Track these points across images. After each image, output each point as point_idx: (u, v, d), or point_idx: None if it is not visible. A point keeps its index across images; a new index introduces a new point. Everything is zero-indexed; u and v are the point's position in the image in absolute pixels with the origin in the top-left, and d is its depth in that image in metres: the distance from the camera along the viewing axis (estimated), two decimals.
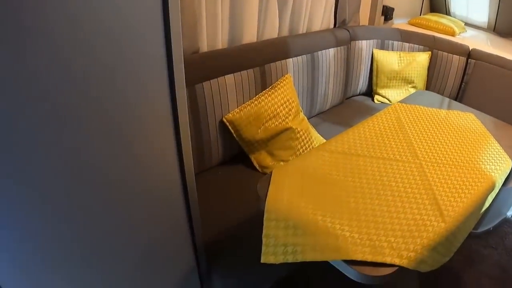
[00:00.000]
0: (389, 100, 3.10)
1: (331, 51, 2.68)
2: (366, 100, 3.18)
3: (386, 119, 1.92)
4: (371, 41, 3.08)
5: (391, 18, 3.89)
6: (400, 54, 3.08)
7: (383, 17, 3.76)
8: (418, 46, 3.21)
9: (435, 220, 1.28)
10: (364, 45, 3.02)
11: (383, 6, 3.66)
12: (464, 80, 3.12)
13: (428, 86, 3.25)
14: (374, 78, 3.13)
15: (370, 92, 3.23)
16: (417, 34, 3.32)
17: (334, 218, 1.24)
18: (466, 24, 4.80)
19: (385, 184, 1.44)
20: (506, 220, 3.10)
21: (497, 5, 4.37)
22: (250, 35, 2.26)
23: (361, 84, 3.17)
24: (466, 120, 2.08)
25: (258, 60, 2.16)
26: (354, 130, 1.80)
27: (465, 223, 1.40)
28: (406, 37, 3.25)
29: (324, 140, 2.25)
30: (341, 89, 2.92)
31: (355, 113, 2.86)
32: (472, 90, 3.03)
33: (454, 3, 4.87)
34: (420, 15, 4.74)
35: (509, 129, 2.22)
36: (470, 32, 4.49)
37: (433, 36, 3.30)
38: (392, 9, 3.83)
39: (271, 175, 1.45)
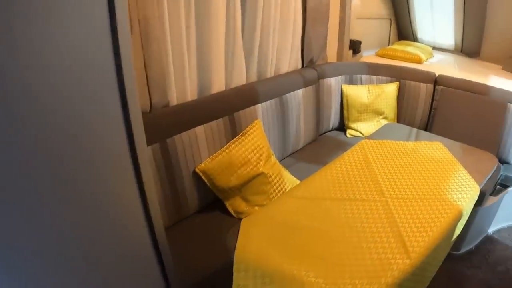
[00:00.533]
0: (361, 133, 3.21)
1: (300, 92, 2.79)
2: (339, 135, 3.30)
3: (353, 158, 2.00)
4: (340, 77, 3.22)
5: (359, 51, 4.04)
6: (368, 87, 3.21)
7: (351, 51, 3.90)
8: (386, 77, 3.36)
9: (400, 258, 1.33)
10: (333, 82, 3.15)
11: (350, 41, 3.81)
12: (433, 107, 3.26)
13: (399, 116, 3.38)
14: (345, 113, 3.25)
15: (342, 127, 3.36)
16: (384, 66, 3.48)
17: (301, 265, 1.30)
18: (434, 48, 5.00)
19: (351, 226, 1.49)
20: (488, 238, 3.18)
21: (462, 27, 4.57)
22: (218, 84, 2.36)
23: (333, 119, 3.30)
24: (434, 149, 2.17)
25: (227, 109, 2.25)
26: (321, 173, 1.87)
27: (433, 256, 1.47)
28: (373, 70, 3.40)
29: (298, 181, 2.32)
30: (313, 127, 3.03)
31: (328, 150, 2.97)
32: (441, 115, 3.17)
33: (420, 30, 5.08)
34: (389, 44, 4.92)
35: (477, 153, 2.32)
36: (438, 56, 4.68)
37: (400, 67, 3.46)
38: (359, 42, 3.99)
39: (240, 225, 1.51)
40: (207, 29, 2.20)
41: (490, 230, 3.23)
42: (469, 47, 4.98)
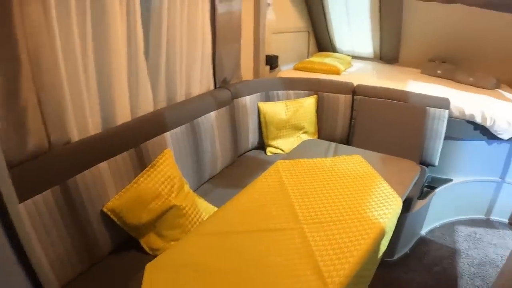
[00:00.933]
0: (282, 150, 3.24)
1: (212, 114, 2.76)
2: (259, 154, 3.31)
3: (267, 183, 1.97)
4: (255, 95, 3.23)
5: (277, 66, 4.08)
6: (286, 103, 3.23)
7: (268, 67, 3.93)
8: (303, 91, 3.42)
9: None
10: (248, 101, 3.15)
11: (267, 56, 3.83)
12: (353, 117, 3.32)
13: (320, 129, 3.45)
14: (263, 131, 3.26)
15: (262, 145, 3.36)
16: (301, 79, 3.54)
17: None
18: (354, 57, 5.16)
19: (265, 260, 1.45)
20: (421, 239, 3.32)
21: (379, 36, 4.75)
22: (123, 114, 2.25)
23: (252, 139, 3.30)
24: (353, 163, 2.19)
25: (133, 141, 2.16)
26: (232, 202, 1.83)
27: (355, 282, 1.44)
28: (290, 84, 3.45)
29: (215, 209, 2.28)
30: (230, 149, 3.01)
31: (247, 171, 2.95)
32: (362, 125, 3.28)
33: (338, 40, 5.22)
34: (308, 56, 5.02)
35: (399, 163, 2.37)
36: (357, 65, 4.82)
37: (317, 79, 3.54)
38: (276, 57, 4.03)
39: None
40: (106, 54, 2.09)
41: (423, 232, 3.38)
42: (388, 54, 5.18)
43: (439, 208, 3.49)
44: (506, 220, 3.82)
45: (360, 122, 3.27)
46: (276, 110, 3.21)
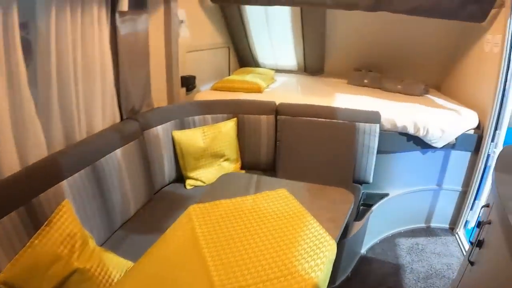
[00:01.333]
0: (202, 182, 3.05)
1: (118, 152, 2.49)
2: (178, 188, 3.08)
3: (178, 237, 1.76)
4: (169, 123, 3.03)
5: (195, 87, 3.90)
6: (203, 130, 3.07)
7: (184, 89, 3.75)
8: (222, 115, 3.28)
9: None
10: (161, 131, 2.95)
11: (182, 78, 3.66)
12: (278, 139, 3.19)
13: (243, 155, 3.32)
14: (181, 162, 3.06)
15: (182, 177, 3.14)
16: (218, 102, 3.38)
17: None
18: (278, 70, 5.10)
19: None
20: (363, 259, 3.27)
21: (303, 48, 4.73)
22: (9, 166, 1.95)
23: (168, 172, 3.07)
24: (278, 201, 2.04)
25: (22, 196, 1.87)
26: (139, 266, 1.61)
27: None
28: (206, 108, 3.29)
29: (129, 263, 2.06)
30: (144, 187, 2.76)
31: (165, 210, 2.69)
32: (288, 148, 3.16)
33: (261, 55, 5.16)
34: (229, 73, 4.91)
35: (329, 193, 2.26)
36: (281, 79, 4.76)
37: (236, 100, 3.41)
38: (193, 78, 3.87)
39: None
40: None
41: (363, 250, 3.33)
42: (313, 66, 5.18)
43: (378, 224, 3.46)
44: (446, 226, 3.92)
45: (285, 145, 3.16)
46: (193, 138, 3.02)
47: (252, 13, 4.68)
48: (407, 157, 3.57)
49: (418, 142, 3.45)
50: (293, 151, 3.12)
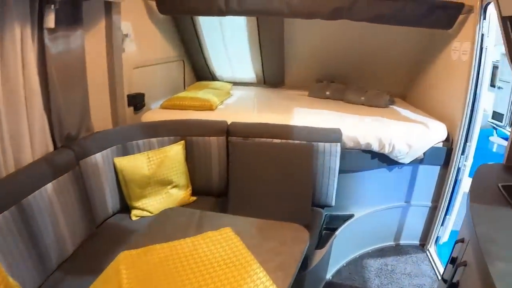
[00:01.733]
0: (149, 212, 2.85)
1: (49, 187, 2.25)
2: (123, 219, 2.84)
3: None
4: (109, 149, 2.80)
5: (144, 105, 3.73)
6: (148, 155, 2.88)
7: (132, 108, 3.56)
8: (168, 137, 3.10)
9: None
10: (100, 159, 2.72)
11: (129, 96, 3.47)
12: (230, 161, 3.02)
13: (193, 181, 3.13)
14: (124, 191, 2.85)
15: (127, 207, 2.92)
16: (164, 124, 3.19)
17: None
18: (236, 83, 4.98)
19: None
20: (328, 285, 3.17)
21: (260, 61, 4.65)
22: None
23: (112, 203, 2.84)
24: (221, 243, 1.86)
25: None
26: None
27: None
28: (152, 130, 3.09)
29: None
30: (82, 222, 2.51)
31: (108, 245, 2.43)
32: (239, 173, 2.95)
33: (217, 68, 5.05)
34: (185, 87, 4.80)
35: (280, 232, 2.11)
36: (238, 93, 4.66)
37: (184, 121, 3.23)
38: (142, 95, 3.70)
39: None
40: None
41: (328, 276, 3.21)
42: (272, 78, 5.09)
43: (344, 246, 3.35)
44: (417, 242, 3.85)
45: (237, 169, 2.94)
46: (137, 165, 2.83)
47: (206, 24, 4.55)
48: (372, 175, 3.48)
49: (384, 159, 3.35)
50: (246, 176, 2.91)
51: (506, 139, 7.55)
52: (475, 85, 3.16)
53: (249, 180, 2.89)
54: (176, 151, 2.96)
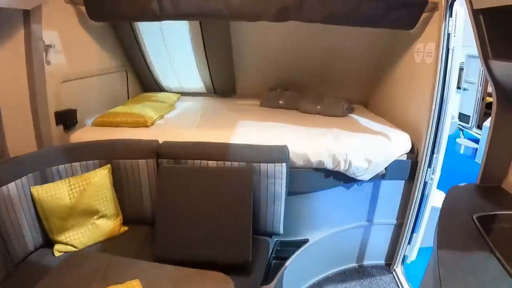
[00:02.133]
0: (74, 246, 2.59)
1: None
2: (46, 255, 2.54)
3: None
4: (26, 177, 2.50)
5: (76, 122, 3.46)
6: (70, 182, 2.60)
7: (61, 127, 3.29)
8: (93, 161, 2.81)
9: None
10: (14, 189, 2.40)
11: (56, 114, 3.20)
12: (157, 189, 2.73)
13: (123, 208, 2.88)
14: (45, 224, 2.56)
15: (50, 242, 2.64)
16: (88, 145, 2.90)
17: None
18: (185, 94, 4.91)
19: None
20: None
21: (208, 69, 4.47)
22: None
23: (32, 238, 2.53)
24: None
25: None
26: None
27: None
28: (74, 154, 2.79)
29: None
30: None
31: (26, 287, 2.21)
32: (170, 201, 2.59)
33: (163, 78, 4.87)
34: (128, 98, 4.55)
35: (193, 281, 1.89)
36: (184, 105, 4.51)
37: (110, 142, 2.95)
38: (74, 112, 3.43)
39: None
40: None
41: None
42: (222, 87, 4.89)
43: (299, 273, 3.16)
44: (382, 262, 3.68)
45: (165, 199, 2.60)
46: (57, 194, 2.54)
47: (145, 30, 4.28)
48: (328, 195, 3.25)
49: (340, 177, 3.13)
50: (176, 206, 2.57)
51: (473, 140, 7.62)
52: (442, 89, 2.96)
53: (180, 211, 2.55)
54: (101, 176, 2.70)
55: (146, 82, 5.05)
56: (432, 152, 3.12)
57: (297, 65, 4.62)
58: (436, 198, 3.26)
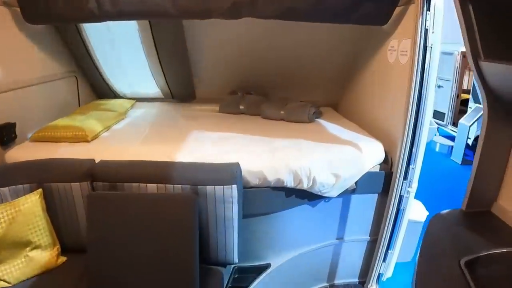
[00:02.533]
0: (7, 282, 2.36)
1: None
2: None
3: None
4: None
5: (15, 137, 3.19)
6: None
7: None
8: (23, 185, 2.54)
9: None
10: None
11: None
12: (87, 220, 2.42)
13: (60, 236, 2.61)
14: None
15: None
16: (18, 167, 2.65)
17: None
18: (141, 100, 4.70)
19: None
20: None
21: (162, 73, 4.21)
22: None
23: None
24: None
25: None
26: None
27: None
28: (2, 178, 2.54)
29: None
30: None
31: None
32: (102, 232, 2.32)
33: (115, 83, 4.63)
34: (79, 105, 4.31)
35: None
36: (138, 112, 4.32)
37: (42, 162, 2.69)
38: (12, 126, 3.16)
39: None
40: None
41: None
42: (180, 92, 4.68)
43: None
44: (356, 280, 3.49)
45: (99, 229, 2.32)
46: None
47: (92, 32, 3.98)
48: (290, 214, 3.01)
49: (304, 194, 2.89)
50: (109, 238, 2.30)
51: (448, 137, 7.56)
52: (419, 93, 2.66)
53: (114, 243, 2.29)
54: (32, 203, 2.45)
55: (99, 88, 4.76)
56: (408, 163, 2.83)
57: (259, 66, 4.38)
58: (413, 210, 3.06)
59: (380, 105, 3.43)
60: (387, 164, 3.08)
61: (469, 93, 7.56)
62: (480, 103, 7.42)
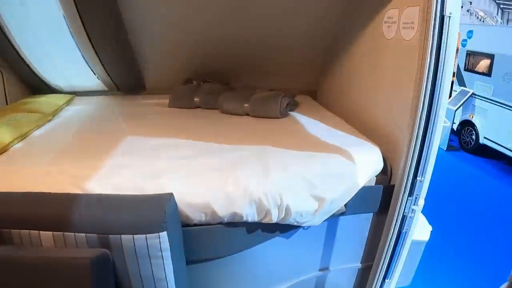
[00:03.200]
0: None
1: None
2: None
3: None
4: None
5: None
6: None
7: None
8: None
9: None
10: None
11: None
12: None
13: None
14: None
15: None
16: None
17: None
18: (81, 93, 4.13)
19: None
20: None
21: (99, 62, 3.57)
22: None
23: None
24: None
25: None
26: None
27: None
28: None
29: None
30: None
31: None
32: None
33: (47, 76, 4.06)
34: (7, 103, 3.72)
35: None
36: (73, 109, 3.65)
37: None
38: None
39: None
40: None
41: None
42: (126, 83, 4.03)
43: None
44: None
45: None
46: None
47: (11, 20, 3.30)
48: (257, 252, 2.29)
49: (274, 227, 2.19)
50: None
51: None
52: (433, 80, 1.96)
53: None
54: None
55: (30, 82, 4.04)
56: (416, 174, 2.17)
57: (220, 48, 3.73)
58: (420, 230, 2.47)
59: (373, 95, 2.77)
60: (386, 175, 2.42)
61: (453, 76, 7.09)
62: (465, 86, 7.17)
